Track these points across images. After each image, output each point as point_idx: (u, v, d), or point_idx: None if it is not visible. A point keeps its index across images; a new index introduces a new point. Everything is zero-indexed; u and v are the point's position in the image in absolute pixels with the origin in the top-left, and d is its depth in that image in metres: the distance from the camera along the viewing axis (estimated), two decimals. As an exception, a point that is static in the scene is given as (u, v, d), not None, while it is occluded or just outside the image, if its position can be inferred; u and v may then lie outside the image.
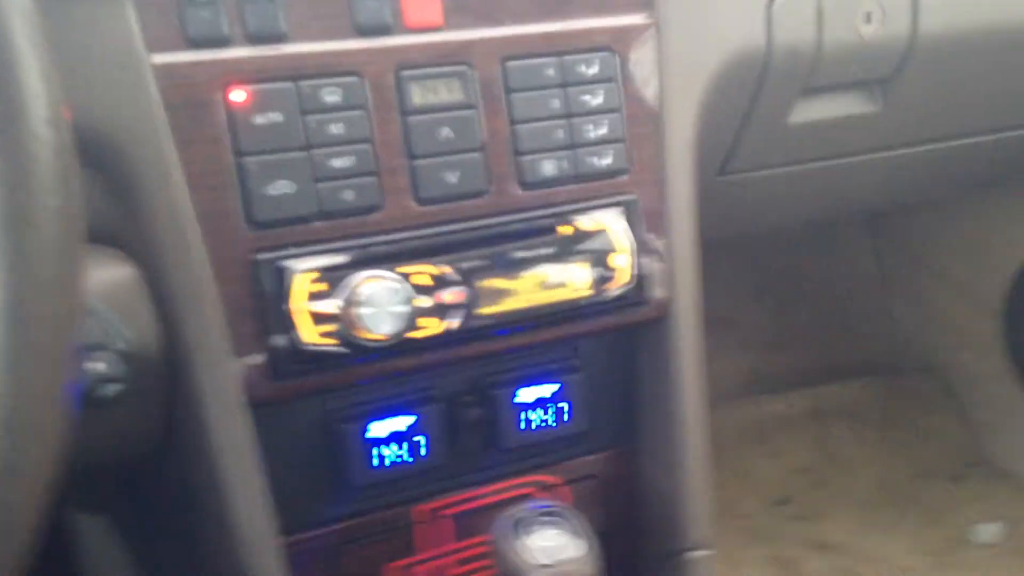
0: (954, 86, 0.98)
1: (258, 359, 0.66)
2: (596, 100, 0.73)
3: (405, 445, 0.75)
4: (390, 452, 0.75)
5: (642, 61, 0.75)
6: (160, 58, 0.62)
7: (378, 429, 0.74)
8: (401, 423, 0.75)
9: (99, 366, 0.60)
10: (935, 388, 1.73)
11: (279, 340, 0.66)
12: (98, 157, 0.61)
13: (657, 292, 0.78)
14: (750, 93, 0.85)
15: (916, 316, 1.76)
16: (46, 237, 0.38)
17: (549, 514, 0.70)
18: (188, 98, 0.63)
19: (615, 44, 0.74)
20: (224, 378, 0.65)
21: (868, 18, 0.85)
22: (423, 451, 0.76)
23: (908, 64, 0.90)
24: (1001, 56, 0.97)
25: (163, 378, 0.64)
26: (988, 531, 1.47)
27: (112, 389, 0.61)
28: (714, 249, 0.91)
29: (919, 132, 1.04)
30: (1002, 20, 0.93)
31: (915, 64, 0.90)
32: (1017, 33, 0.95)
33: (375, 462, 0.74)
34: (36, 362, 0.38)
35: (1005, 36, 0.94)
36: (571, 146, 0.73)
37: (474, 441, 0.78)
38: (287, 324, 0.66)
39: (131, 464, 0.70)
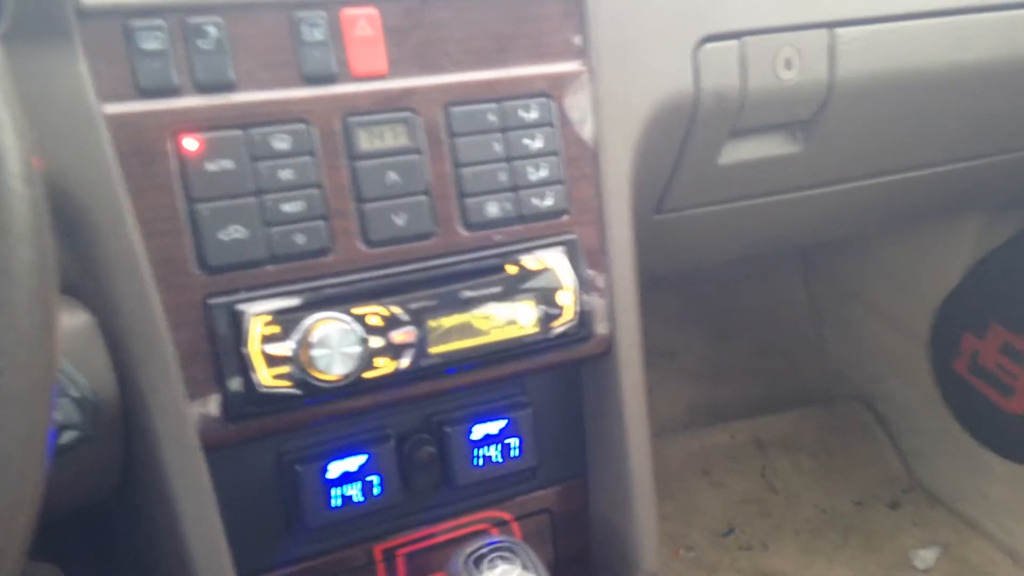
0: (872, 127, 1.01)
1: (213, 403, 0.67)
2: (536, 143, 0.76)
3: (359, 484, 0.76)
4: (345, 492, 0.75)
5: (578, 106, 0.78)
6: (112, 108, 0.63)
7: (333, 469, 0.75)
8: (355, 463, 0.76)
9: (53, 414, 0.60)
10: (868, 416, 1.78)
11: (233, 383, 0.66)
12: (52, 206, 0.61)
13: (600, 328, 0.80)
14: (682, 135, 0.88)
15: (847, 346, 1.81)
16: (25, 288, 0.39)
17: (502, 549, 0.72)
18: (140, 147, 0.64)
19: (552, 90, 0.77)
20: (180, 422, 0.65)
21: (788, 64, 0.89)
22: (377, 490, 0.77)
23: (827, 107, 0.93)
24: (916, 98, 1.00)
25: (118, 424, 0.65)
26: (928, 556, 1.51)
27: (67, 436, 0.61)
28: (653, 284, 0.94)
29: (840, 171, 1.07)
30: (914, 64, 0.96)
31: (834, 107, 0.93)
32: (929, 75, 0.98)
33: (331, 502, 0.75)
34: (17, 411, 0.38)
35: (918, 79, 0.98)
36: (513, 188, 0.75)
37: (427, 479, 0.79)
38: (241, 367, 0.66)
39: (85, 511, 0.69)
